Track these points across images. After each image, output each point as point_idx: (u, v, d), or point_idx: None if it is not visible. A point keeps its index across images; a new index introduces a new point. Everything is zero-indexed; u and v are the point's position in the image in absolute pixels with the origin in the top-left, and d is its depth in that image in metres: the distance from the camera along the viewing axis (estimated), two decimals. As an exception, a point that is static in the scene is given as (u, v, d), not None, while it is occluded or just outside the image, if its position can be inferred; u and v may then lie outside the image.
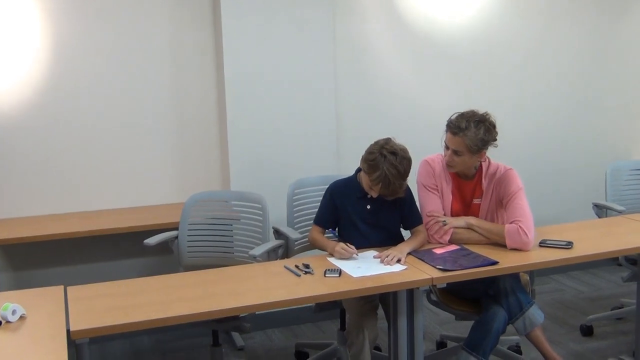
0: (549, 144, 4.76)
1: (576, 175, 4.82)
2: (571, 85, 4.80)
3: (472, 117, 2.97)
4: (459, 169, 3.07)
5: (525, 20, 4.58)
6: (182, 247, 3.36)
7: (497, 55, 4.56)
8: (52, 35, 3.62)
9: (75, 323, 2.19)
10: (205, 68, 3.95)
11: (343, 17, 4.12)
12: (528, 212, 2.98)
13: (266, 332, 3.99)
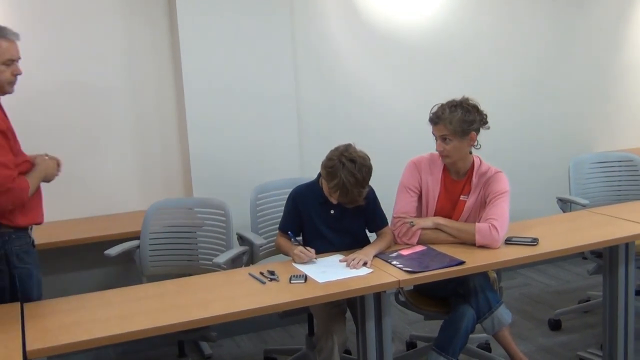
0: (511, 139, 4.80)
1: (540, 169, 4.88)
2: (531, 80, 4.85)
3: (448, 104, 3.02)
4: (454, 157, 3.04)
5: (483, 17, 4.62)
6: (144, 257, 3.31)
7: (456, 53, 4.58)
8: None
9: (32, 342, 2.13)
10: (162, 72, 3.89)
11: (302, 17, 4.10)
12: (505, 214, 2.99)
13: (234, 339, 3.95)
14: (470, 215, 3.09)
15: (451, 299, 3.06)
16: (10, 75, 2.65)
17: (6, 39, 2.64)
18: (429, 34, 4.47)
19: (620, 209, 3.49)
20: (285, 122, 4.00)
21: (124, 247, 3.26)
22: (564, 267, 4.91)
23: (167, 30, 3.86)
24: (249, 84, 3.85)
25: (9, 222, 2.62)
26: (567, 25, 4.90)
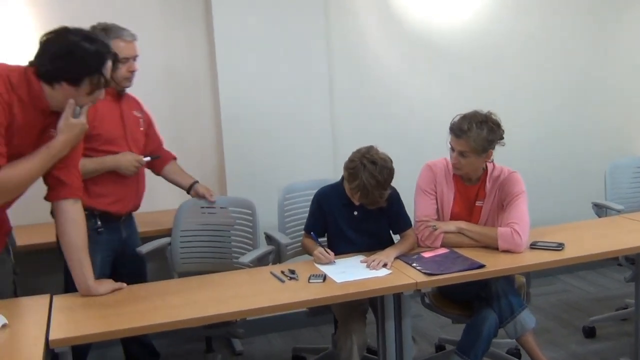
0: (548, 143, 4.74)
1: (576, 174, 4.78)
2: (569, 84, 4.77)
3: (474, 118, 2.96)
4: (466, 170, 3.05)
5: (522, 20, 4.57)
6: (175, 254, 3.39)
7: (494, 55, 4.54)
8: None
9: (55, 332, 2.24)
10: (199, 73, 3.99)
11: (337, 18, 4.14)
12: (525, 217, 2.97)
13: (267, 336, 4.03)
14: (488, 220, 3.08)
15: (474, 302, 3.05)
16: (126, 71, 3.05)
17: (123, 40, 3.04)
18: (466, 36, 4.45)
19: (656, 216, 3.40)
20: (319, 122, 4.06)
21: (155, 244, 3.35)
22: (605, 273, 4.80)
23: (203, 28, 3.96)
24: (283, 84, 3.92)
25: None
26: (607, 30, 4.79)
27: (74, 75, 2.34)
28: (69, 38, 2.34)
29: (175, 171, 3.44)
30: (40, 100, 2.36)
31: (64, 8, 3.73)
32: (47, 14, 3.71)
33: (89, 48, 2.34)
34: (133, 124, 3.20)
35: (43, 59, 2.33)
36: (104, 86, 2.43)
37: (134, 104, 3.28)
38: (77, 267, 2.57)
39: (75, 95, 2.38)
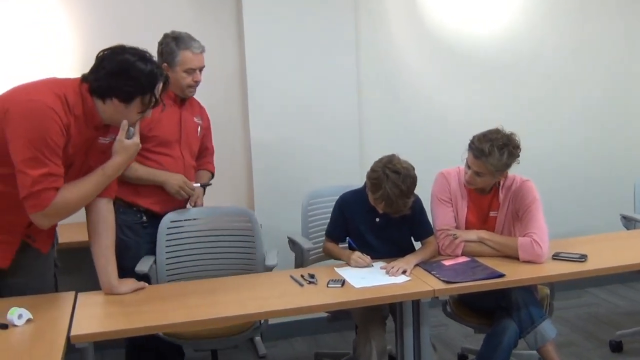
0: (577, 153, 4.68)
1: (606, 186, 4.70)
2: (600, 95, 4.69)
3: (496, 140, 2.92)
4: (479, 187, 3.06)
5: (552, 31, 4.52)
6: (160, 272, 3.12)
7: (523, 66, 4.50)
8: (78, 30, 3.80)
9: (77, 328, 2.30)
10: (229, 75, 4.03)
11: (366, 24, 4.16)
12: (543, 225, 2.95)
13: (289, 340, 4.05)
14: (503, 229, 3.07)
15: (495, 312, 3.02)
16: (191, 81, 3.17)
17: (191, 51, 3.14)
18: (495, 46, 4.42)
19: (686, 229, 3.33)
20: (347, 127, 4.08)
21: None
22: (636, 287, 4.71)
23: (234, 31, 3.99)
24: (311, 89, 3.95)
25: (122, 196, 3.01)
26: (636, 39, 4.71)
27: (127, 93, 2.42)
28: (125, 57, 2.42)
29: (199, 175, 3.46)
30: (93, 117, 2.45)
31: (97, 12, 3.82)
32: (80, 15, 3.80)
33: (144, 68, 2.42)
34: (190, 129, 3.28)
35: (98, 74, 2.41)
36: (153, 106, 2.51)
37: (196, 109, 3.38)
38: (103, 266, 2.64)
39: (125, 112, 2.46)
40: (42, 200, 2.34)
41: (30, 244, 2.61)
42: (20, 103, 2.33)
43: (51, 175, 2.34)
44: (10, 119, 2.31)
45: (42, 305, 2.47)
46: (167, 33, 3.21)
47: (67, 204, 2.43)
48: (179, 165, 3.20)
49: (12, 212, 2.45)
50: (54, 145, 2.33)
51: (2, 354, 2.10)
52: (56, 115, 2.32)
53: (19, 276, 2.60)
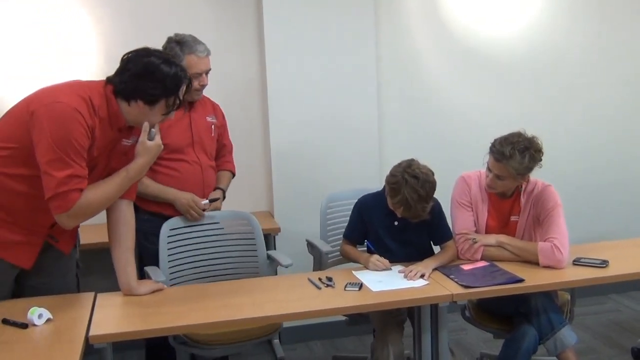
0: (598, 157, 4.62)
1: (629, 190, 4.64)
2: (621, 97, 4.63)
3: (518, 144, 2.89)
4: (499, 190, 3.03)
5: (572, 35, 4.48)
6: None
7: (543, 67, 4.46)
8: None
9: (95, 328, 2.31)
10: (249, 79, 4.04)
11: (386, 26, 4.15)
12: (564, 230, 2.92)
13: (308, 343, 4.05)
14: (524, 234, 3.04)
15: (514, 317, 2.99)
16: (197, 84, 3.13)
17: (196, 55, 3.12)
18: (515, 48, 4.39)
19: None
20: (366, 131, 4.07)
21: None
22: (661, 294, 4.64)
23: (255, 36, 4.02)
24: (331, 92, 3.95)
25: (145, 206, 3.09)
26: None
27: (152, 95, 2.44)
28: (150, 59, 2.44)
29: (219, 177, 3.46)
30: (118, 119, 2.48)
31: (119, 16, 3.85)
32: (100, 18, 3.83)
33: (169, 71, 2.44)
34: (203, 131, 3.27)
35: (123, 76, 2.44)
36: (176, 108, 2.53)
37: (209, 108, 3.35)
38: (122, 267, 2.66)
39: (150, 114, 2.49)
40: (66, 201, 2.37)
41: (53, 245, 2.64)
42: (46, 105, 2.35)
43: (76, 177, 2.37)
44: (36, 121, 2.33)
45: (62, 306, 2.49)
46: (170, 37, 3.17)
47: (91, 205, 2.45)
48: (195, 169, 3.20)
49: (36, 213, 2.48)
50: (79, 147, 2.35)
51: (22, 353, 2.12)
52: (81, 117, 2.35)
53: (41, 277, 2.63)
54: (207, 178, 3.26)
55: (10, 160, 2.41)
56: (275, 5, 3.86)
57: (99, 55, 3.82)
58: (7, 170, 2.41)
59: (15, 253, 2.53)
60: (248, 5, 4.00)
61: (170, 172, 3.15)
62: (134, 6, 3.86)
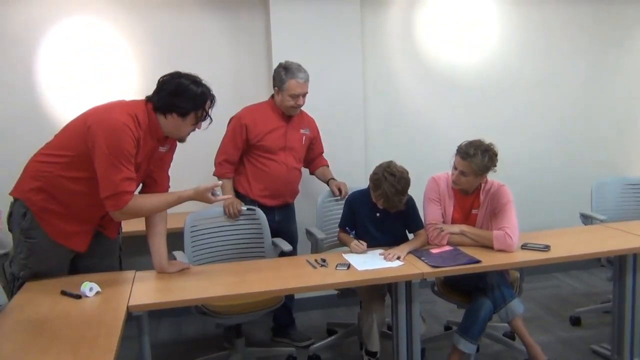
0: (546, 161, 4.65)
1: (568, 188, 4.66)
2: (563, 115, 4.65)
3: (480, 146, 2.96)
4: (463, 187, 3.07)
5: (524, 62, 4.51)
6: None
7: (499, 90, 4.49)
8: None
9: (134, 299, 2.36)
10: (259, 86, 4.00)
11: (371, 55, 4.18)
12: (514, 221, 2.95)
13: (307, 313, 4.07)
14: (482, 225, 3.07)
15: (473, 292, 3.03)
16: (294, 103, 3.28)
17: (296, 80, 3.25)
18: (478, 73, 4.43)
19: (634, 225, 3.29)
20: (355, 139, 4.09)
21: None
22: (594, 273, 4.66)
23: (264, 48, 4.02)
24: (326, 105, 3.94)
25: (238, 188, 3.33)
26: (599, 63, 4.67)
27: (184, 109, 2.50)
28: (181, 80, 2.50)
29: (323, 171, 3.64)
30: (157, 131, 2.53)
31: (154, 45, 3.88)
32: (140, 46, 3.86)
33: (196, 90, 2.50)
34: (295, 140, 3.40)
35: (160, 95, 2.50)
36: (204, 119, 2.57)
37: (305, 122, 3.48)
38: (156, 250, 2.70)
39: (182, 124, 2.54)
40: (120, 201, 2.42)
41: (102, 232, 2.69)
42: (100, 121, 2.40)
43: (128, 179, 2.42)
44: (92, 134, 2.38)
45: (109, 281, 2.54)
46: (281, 62, 3.31)
47: (140, 209, 2.52)
48: (282, 168, 3.34)
49: (90, 208, 2.53)
50: (128, 154, 2.40)
51: (76, 319, 2.16)
52: (129, 130, 2.40)
53: (92, 258, 2.68)
54: (290, 177, 3.39)
55: (69, 166, 2.46)
56: (282, 43, 3.86)
57: (138, 77, 3.86)
58: (67, 174, 2.46)
59: (73, 240, 2.58)
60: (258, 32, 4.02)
61: (262, 167, 3.33)
62: (166, 37, 3.90)
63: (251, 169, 3.35)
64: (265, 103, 3.42)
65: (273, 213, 3.39)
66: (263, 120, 3.32)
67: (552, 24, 4.52)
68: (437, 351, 3.35)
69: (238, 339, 3.09)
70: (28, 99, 3.71)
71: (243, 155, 3.38)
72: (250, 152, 3.35)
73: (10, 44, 3.65)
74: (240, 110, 3.40)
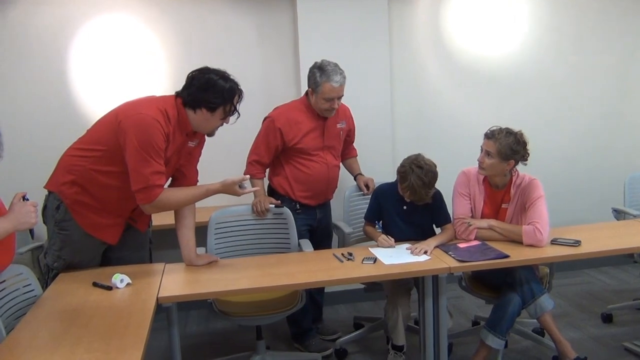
0: (577, 156, 4.55)
1: (600, 183, 4.55)
2: (596, 109, 4.55)
3: (506, 129, 2.94)
4: (488, 172, 2.98)
5: (553, 54, 4.41)
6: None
7: (529, 84, 4.40)
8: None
9: (164, 291, 2.38)
10: (287, 86, 4.01)
11: (399, 49, 4.14)
12: (545, 216, 2.88)
13: (334, 307, 4.07)
14: (512, 220, 3.01)
15: (502, 287, 2.98)
16: (328, 106, 3.17)
17: (331, 84, 3.11)
18: (508, 66, 4.35)
19: (668, 221, 3.21)
20: (382, 132, 4.05)
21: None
22: (627, 270, 4.54)
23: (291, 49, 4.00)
24: (354, 101, 3.80)
25: (279, 189, 3.28)
26: (637, 55, 4.53)
27: (213, 104, 2.51)
28: (210, 76, 2.52)
29: (351, 163, 3.62)
30: (186, 125, 2.56)
31: (183, 42, 3.91)
32: (169, 43, 3.90)
33: (224, 85, 2.51)
34: (332, 136, 3.33)
35: (189, 90, 2.52)
36: (232, 114, 2.58)
37: (340, 114, 3.35)
38: (185, 243, 2.73)
39: (211, 119, 2.55)
40: (150, 195, 2.45)
41: (133, 225, 2.73)
42: (131, 116, 2.44)
43: (158, 173, 2.45)
44: (123, 129, 2.42)
45: (139, 273, 2.57)
46: (316, 62, 3.18)
47: (169, 203, 2.55)
48: (322, 168, 3.29)
49: (122, 201, 2.58)
50: (158, 149, 2.43)
51: (107, 309, 2.20)
52: (159, 125, 2.43)
53: (123, 250, 2.73)
54: (331, 175, 3.34)
55: (100, 160, 2.50)
56: (308, 37, 3.85)
57: (167, 73, 3.89)
58: (99, 168, 2.50)
59: (105, 233, 2.63)
60: (286, 30, 4.02)
61: (302, 169, 3.26)
62: (195, 34, 3.93)
63: (291, 170, 3.26)
64: (299, 102, 3.30)
65: (314, 212, 3.36)
66: (298, 123, 3.20)
67: (584, 15, 4.42)
68: (464, 346, 3.31)
69: (258, 341, 3.05)
70: (61, 95, 3.78)
71: (281, 157, 3.28)
72: (288, 153, 3.25)
73: (43, 42, 3.73)
74: (273, 110, 3.30)
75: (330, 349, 3.37)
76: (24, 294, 2.32)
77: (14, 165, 3.37)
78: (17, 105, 3.72)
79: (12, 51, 3.69)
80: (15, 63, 3.71)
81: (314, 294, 3.49)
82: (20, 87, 3.72)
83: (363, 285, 3.30)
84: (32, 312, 2.19)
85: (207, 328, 3.84)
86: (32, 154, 3.67)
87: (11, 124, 3.58)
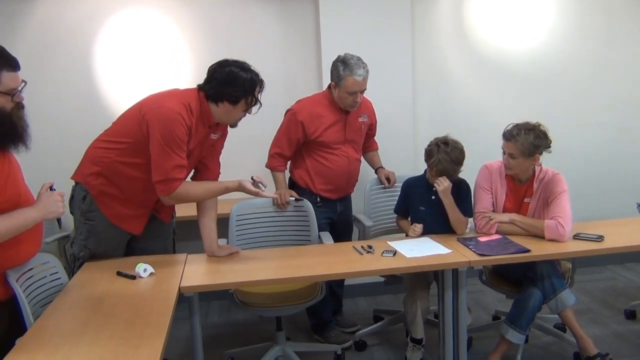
0: (602, 150, 4.46)
1: (624, 178, 4.46)
2: (620, 104, 4.44)
3: (523, 126, 2.88)
4: (515, 171, 2.97)
5: (579, 48, 4.33)
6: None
7: (553, 76, 4.32)
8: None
9: (185, 281, 2.41)
10: (309, 81, 4.00)
11: (421, 42, 4.12)
12: (568, 211, 2.85)
13: (354, 299, 4.08)
14: (535, 214, 2.97)
15: (523, 281, 2.96)
16: (351, 101, 3.16)
17: (354, 78, 3.09)
18: (532, 60, 4.28)
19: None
20: (403, 126, 4.04)
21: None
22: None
23: (314, 45, 4.02)
24: (376, 96, 3.75)
25: (300, 182, 3.29)
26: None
27: (234, 97, 2.52)
28: (230, 68, 2.52)
29: (372, 157, 3.62)
30: (209, 118, 2.58)
31: (205, 36, 3.94)
32: (192, 37, 3.93)
33: (246, 77, 2.52)
34: (354, 130, 3.32)
35: (211, 84, 2.53)
36: (254, 105, 2.58)
37: (362, 108, 3.34)
38: (207, 235, 2.76)
39: (234, 111, 2.57)
40: (169, 187, 2.48)
41: (157, 216, 2.77)
42: (154, 110, 2.46)
43: (178, 167, 2.47)
44: (146, 122, 2.45)
45: (162, 263, 2.61)
46: (340, 55, 3.15)
47: (187, 196, 2.57)
48: (343, 161, 3.29)
49: (146, 192, 2.61)
50: (181, 142, 2.46)
51: (131, 298, 2.24)
52: (182, 118, 2.45)
53: (147, 240, 2.77)
54: (352, 169, 3.34)
55: (126, 152, 2.53)
56: (331, 30, 3.84)
57: (191, 66, 3.92)
58: (124, 159, 2.54)
59: (129, 223, 2.67)
60: (309, 23, 4.02)
61: (324, 162, 3.26)
62: (218, 27, 3.95)
63: (312, 163, 3.27)
64: (322, 95, 3.30)
65: (335, 206, 3.36)
66: (319, 116, 3.20)
67: (612, 9, 4.32)
68: (484, 340, 3.29)
69: (278, 332, 3.07)
70: (87, 88, 3.85)
71: (302, 150, 3.29)
72: (309, 146, 3.25)
73: (69, 36, 3.79)
74: (295, 103, 3.31)
75: (350, 341, 3.37)
76: (50, 282, 2.38)
77: (41, 156, 3.43)
78: (45, 98, 3.78)
79: (40, 46, 3.76)
80: (43, 57, 3.78)
81: (334, 286, 3.51)
82: (47, 81, 3.79)
83: (383, 278, 3.30)
84: (58, 299, 2.24)
85: (228, 318, 3.88)
86: (60, 146, 3.75)
87: (39, 117, 3.59)
